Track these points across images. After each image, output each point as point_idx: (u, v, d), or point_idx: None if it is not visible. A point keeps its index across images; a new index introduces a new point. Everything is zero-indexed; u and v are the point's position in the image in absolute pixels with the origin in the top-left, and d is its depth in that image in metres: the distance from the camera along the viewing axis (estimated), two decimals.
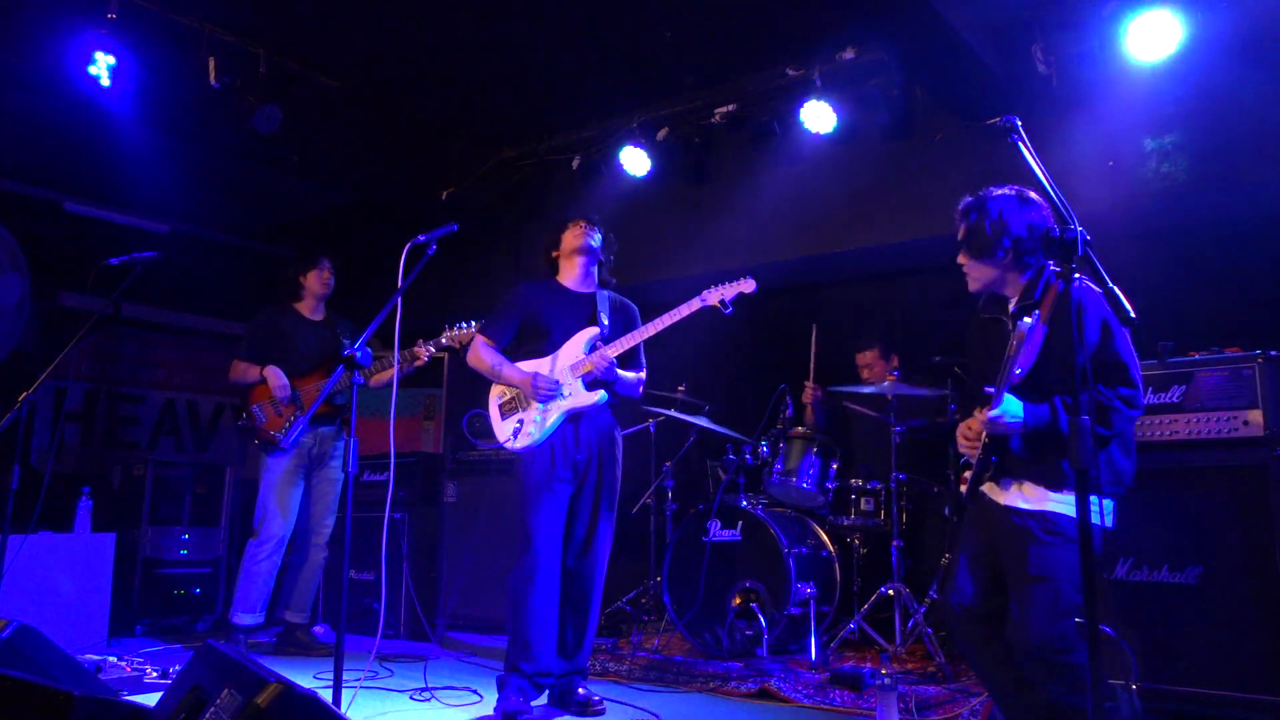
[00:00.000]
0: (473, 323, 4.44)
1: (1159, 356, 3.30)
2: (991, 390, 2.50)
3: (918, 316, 5.57)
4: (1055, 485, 2.57)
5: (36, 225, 6.36)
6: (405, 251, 2.99)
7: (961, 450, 2.77)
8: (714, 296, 3.44)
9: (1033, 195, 2.67)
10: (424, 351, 4.57)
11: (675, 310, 3.45)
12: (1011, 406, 2.51)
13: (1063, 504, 2.57)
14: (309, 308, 5.08)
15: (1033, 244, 2.64)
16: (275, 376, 4.77)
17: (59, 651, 2.63)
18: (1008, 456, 2.62)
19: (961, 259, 2.79)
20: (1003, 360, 2.50)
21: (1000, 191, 2.69)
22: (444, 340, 4.49)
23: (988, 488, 2.74)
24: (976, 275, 2.76)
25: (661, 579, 4.78)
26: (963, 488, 2.82)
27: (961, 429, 2.75)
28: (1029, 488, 2.62)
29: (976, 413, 2.58)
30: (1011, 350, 2.47)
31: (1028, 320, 2.40)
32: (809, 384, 5.25)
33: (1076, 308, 2.05)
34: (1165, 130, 4.32)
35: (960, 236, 2.77)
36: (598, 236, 3.67)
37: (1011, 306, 2.74)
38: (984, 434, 2.63)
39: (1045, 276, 2.61)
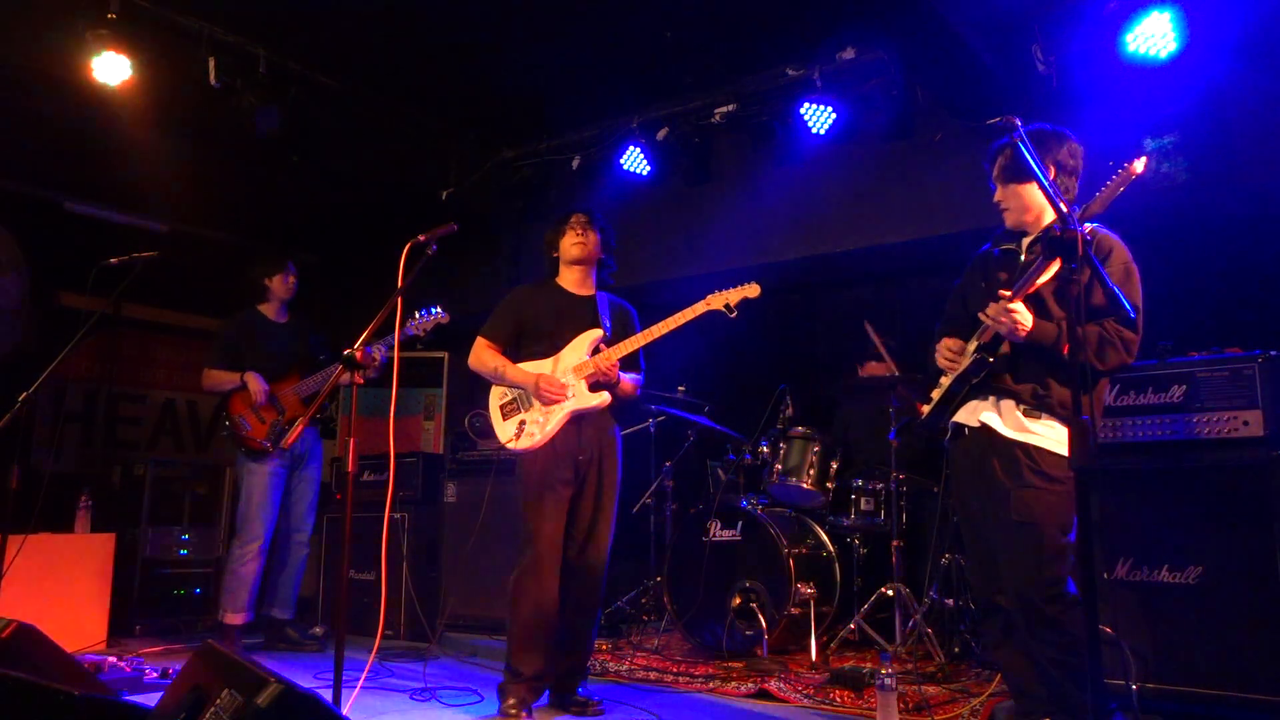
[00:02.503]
0: (435, 309, 4.42)
1: (1159, 356, 3.30)
2: (1007, 292, 2.54)
3: (918, 317, 5.57)
4: (1034, 410, 2.62)
5: (36, 225, 6.36)
6: (405, 251, 2.99)
7: (941, 364, 2.81)
8: (718, 300, 3.44)
9: (1065, 130, 2.76)
10: (383, 347, 4.49)
11: (680, 314, 3.45)
12: (1021, 313, 2.55)
13: (1042, 435, 2.61)
14: (273, 310, 5.09)
15: (1073, 166, 2.71)
16: (255, 381, 4.80)
17: (59, 651, 2.63)
18: (992, 369, 2.65)
19: (998, 195, 2.83)
20: (1018, 277, 2.56)
21: (1037, 124, 2.75)
22: (409, 330, 4.46)
23: (964, 411, 2.76)
24: (1015, 204, 2.80)
25: (661, 579, 4.78)
26: (923, 409, 2.86)
27: (942, 345, 2.78)
28: (1007, 407, 2.65)
29: (991, 309, 2.59)
30: (1033, 265, 2.51)
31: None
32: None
33: (1076, 306, 2.06)
34: (1165, 130, 4.32)
35: (996, 172, 2.82)
36: (594, 237, 3.65)
37: (1028, 240, 2.77)
38: (974, 344, 2.65)
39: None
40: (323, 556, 5.63)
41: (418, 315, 4.44)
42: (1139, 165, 2.27)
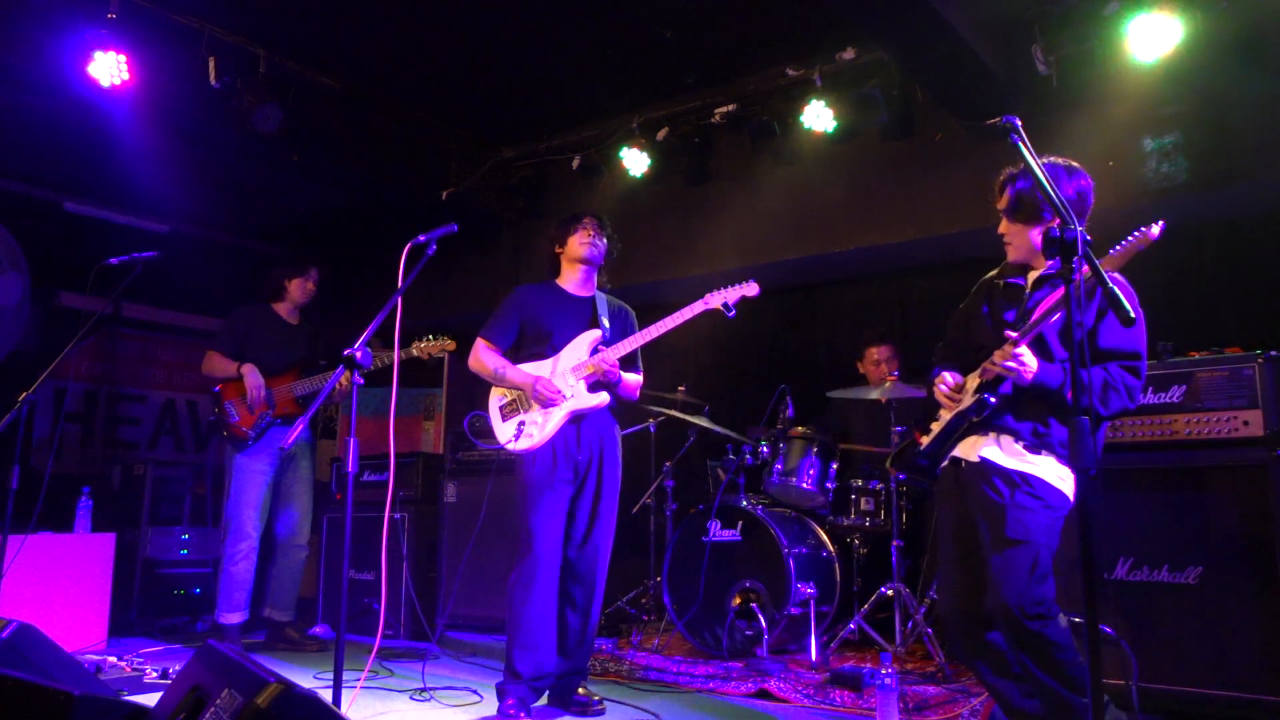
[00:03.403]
0: (444, 338, 4.43)
1: (1159, 356, 3.30)
2: (1014, 335, 2.54)
3: (918, 317, 5.58)
4: (1034, 447, 2.63)
5: (36, 225, 6.36)
6: (405, 251, 2.99)
7: (940, 401, 2.80)
8: (717, 300, 3.44)
9: (1077, 165, 2.71)
10: (386, 356, 4.50)
11: (678, 313, 3.45)
12: (1028, 356, 2.55)
13: (1040, 467, 2.61)
14: (286, 311, 5.12)
15: (1080, 209, 2.65)
16: (252, 375, 4.82)
17: (59, 651, 2.63)
18: (993, 408, 2.65)
19: (1003, 228, 2.81)
20: (1024, 319, 2.56)
21: (1047, 159, 2.69)
22: (413, 351, 4.46)
23: (963, 446, 2.76)
24: (1019, 243, 2.78)
25: (661, 579, 4.78)
26: (921, 440, 2.85)
27: (941, 382, 2.78)
28: (1007, 443, 2.66)
29: (996, 354, 2.58)
30: (1041, 309, 2.51)
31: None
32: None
33: (1080, 305, 2.06)
34: (1165, 130, 4.33)
35: (1003, 205, 2.79)
36: (603, 242, 3.66)
37: (1034, 276, 2.77)
38: (975, 381, 2.65)
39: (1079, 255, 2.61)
40: (323, 556, 5.63)
41: (425, 339, 4.45)
42: (1156, 230, 2.27)
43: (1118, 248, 2.32)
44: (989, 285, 2.91)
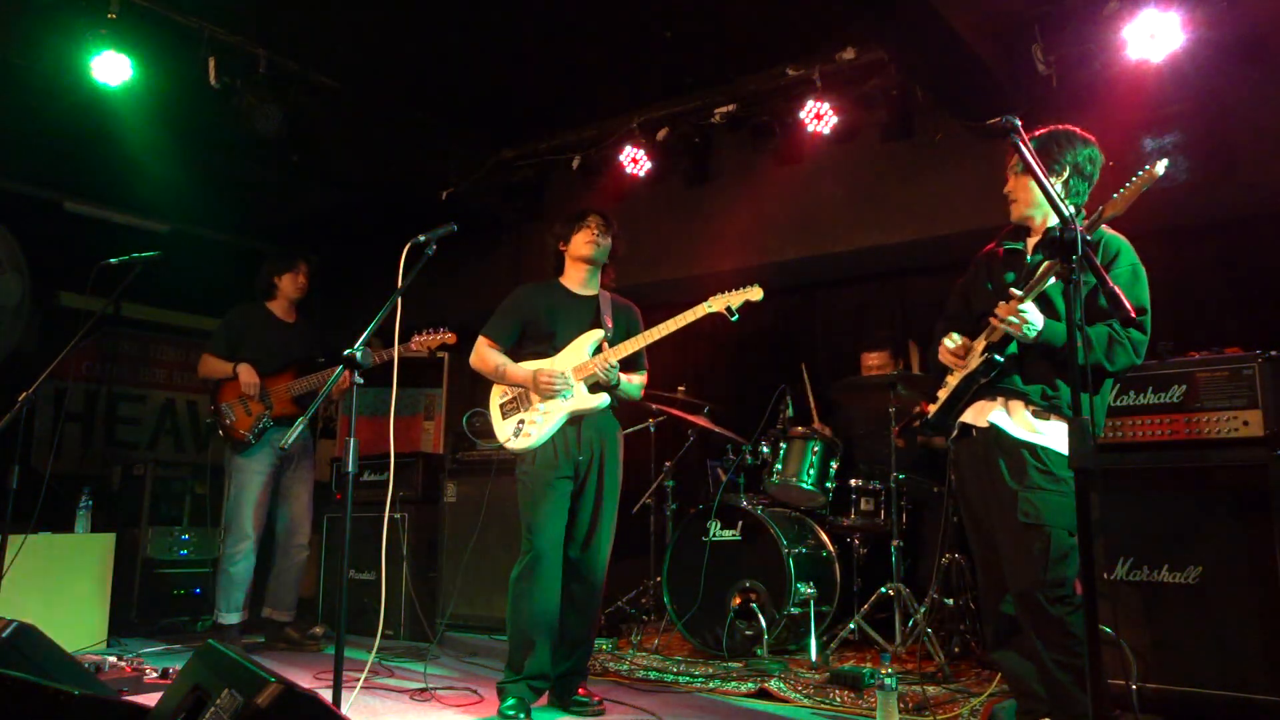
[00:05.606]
0: (442, 329, 4.44)
1: (1159, 356, 3.29)
2: (1018, 292, 2.55)
3: (918, 317, 5.57)
4: (1043, 411, 2.64)
5: (36, 225, 6.36)
6: (405, 251, 2.99)
7: (946, 362, 2.81)
8: (720, 303, 3.42)
9: (1090, 136, 2.77)
10: (385, 354, 4.50)
11: (681, 316, 3.43)
12: (1032, 312, 2.55)
13: (1050, 435, 2.61)
14: (282, 309, 5.12)
15: (1089, 171, 2.71)
16: (248, 373, 4.82)
17: (59, 651, 2.63)
18: (1000, 370, 2.66)
19: (1009, 186, 2.85)
20: (1027, 280, 2.57)
21: (1060, 126, 2.77)
22: (413, 345, 4.46)
23: (971, 412, 2.76)
24: (1023, 196, 2.82)
25: (661, 579, 4.78)
26: (929, 409, 2.86)
27: (948, 345, 2.79)
28: (1016, 408, 2.66)
29: (1000, 309, 2.60)
30: (1042, 266, 2.53)
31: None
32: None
33: (1082, 306, 2.06)
34: (1165, 130, 4.33)
35: (1012, 162, 2.83)
36: (608, 241, 3.65)
37: (1033, 240, 2.78)
38: (982, 343, 2.66)
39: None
40: (323, 556, 5.63)
41: (425, 332, 4.44)
42: (1159, 168, 2.25)
43: (1122, 190, 2.31)
44: (989, 255, 2.94)
